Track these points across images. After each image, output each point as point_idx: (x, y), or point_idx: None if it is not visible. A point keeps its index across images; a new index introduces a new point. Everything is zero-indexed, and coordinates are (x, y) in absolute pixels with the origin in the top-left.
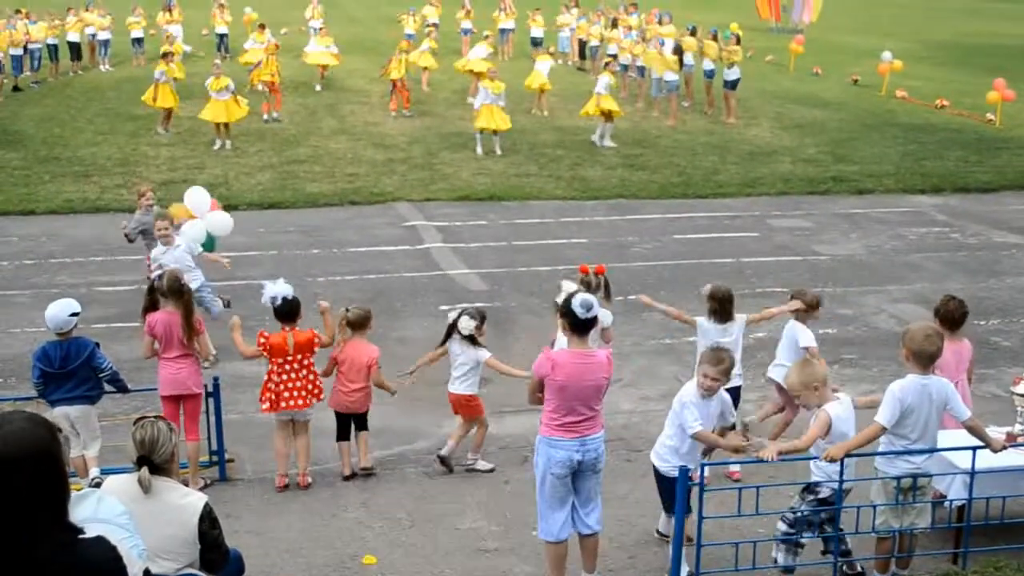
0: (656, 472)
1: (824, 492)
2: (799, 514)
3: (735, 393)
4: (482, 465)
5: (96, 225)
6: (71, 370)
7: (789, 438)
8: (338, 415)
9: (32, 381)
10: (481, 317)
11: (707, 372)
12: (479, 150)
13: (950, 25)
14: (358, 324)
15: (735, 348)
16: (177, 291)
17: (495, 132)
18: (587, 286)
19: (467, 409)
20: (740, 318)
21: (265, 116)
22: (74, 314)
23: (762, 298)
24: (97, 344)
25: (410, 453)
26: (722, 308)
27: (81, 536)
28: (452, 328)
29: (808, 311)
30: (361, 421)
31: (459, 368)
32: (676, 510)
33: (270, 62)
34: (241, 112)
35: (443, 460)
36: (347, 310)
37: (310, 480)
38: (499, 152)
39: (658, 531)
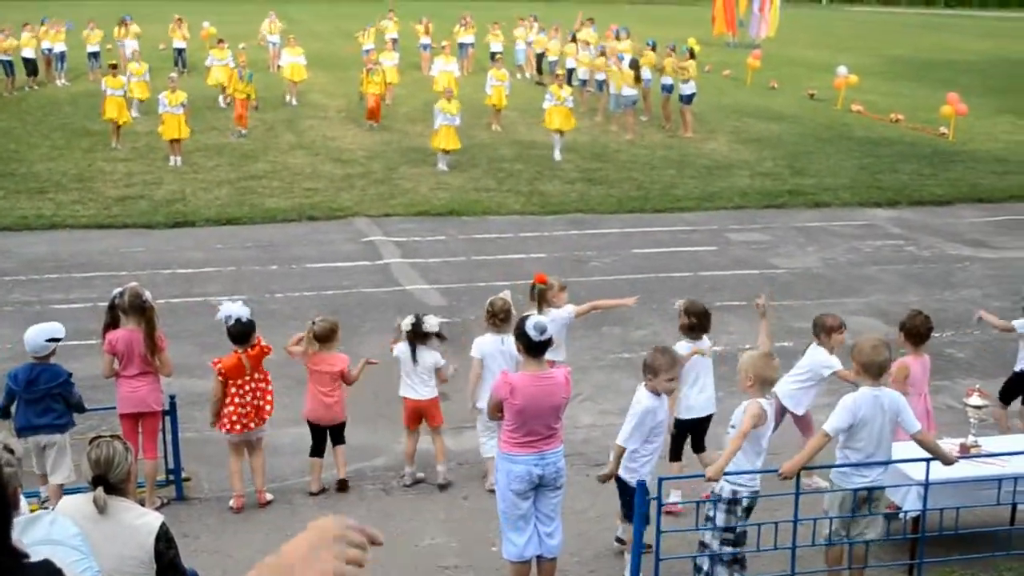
0: (618, 480)
1: (745, 502)
2: (738, 529)
3: (707, 422)
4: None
5: (51, 242)
6: (38, 396)
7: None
8: (313, 429)
9: (2, 399)
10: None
11: (671, 376)
12: (442, 166)
13: (905, 40)
14: (324, 337)
15: (708, 368)
16: (139, 308)
17: (448, 151)
18: (540, 296)
19: (434, 415)
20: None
21: (232, 135)
22: (52, 339)
23: (722, 312)
24: (70, 375)
25: (368, 470)
26: (700, 324)
27: (26, 560)
28: (417, 334)
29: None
30: (338, 434)
31: (421, 373)
32: (635, 523)
33: (239, 80)
34: (186, 130)
35: (417, 481)
36: (313, 323)
37: (270, 497)
38: (446, 169)
39: (617, 538)
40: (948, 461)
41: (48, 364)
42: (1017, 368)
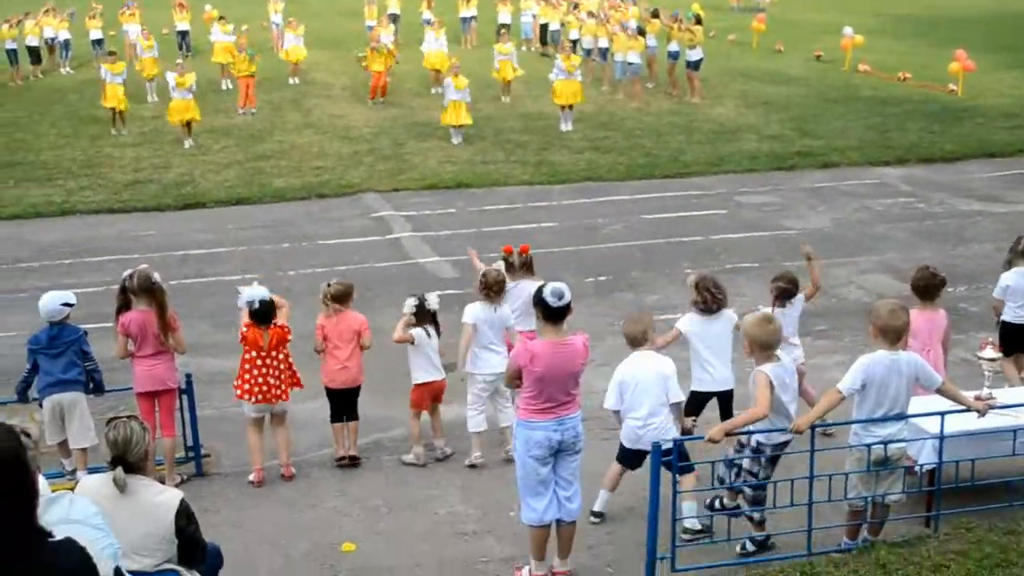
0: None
1: (768, 451)
2: (760, 475)
3: (729, 395)
4: (450, 450)
5: (63, 228)
6: (60, 351)
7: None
8: (331, 394)
9: (23, 375)
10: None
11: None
12: (455, 140)
13: None
14: (341, 297)
15: (726, 343)
16: (148, 289)
17: (459, 126)
18: (509, 266)
19: (441, 394)
20: (730, 313)
21: (241, 110)
22: (66, 304)
23: (733, 274)
24: (86, 333)
25: (386, 441)
26: (713, 298)
27: (50, 539)
28: (423, 314)
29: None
30: (354, 404)
31: (436, 352)
32: (651, 485)
33: (244, 57)
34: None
35: (439, 458)
36: (328, 285)
37: (294, 471)
38: (459, 142)
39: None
40: (978, 408)
41: (65, 324)
42: (1005, 318)
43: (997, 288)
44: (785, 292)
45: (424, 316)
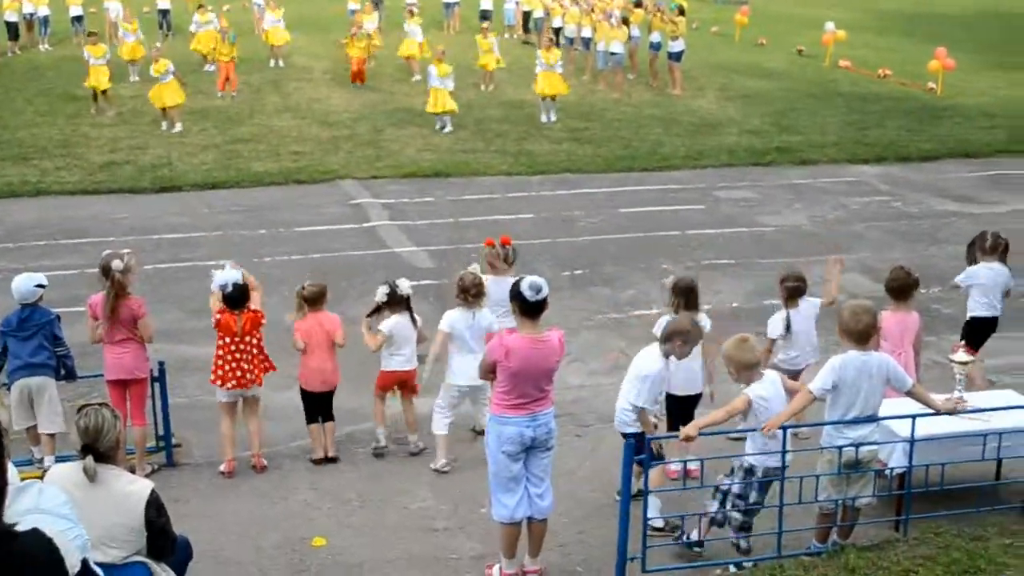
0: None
1: (759, 472)
2: (751, 499)
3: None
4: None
5: (37, 208)
6: (30, 334)
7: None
8: (308, 396)
9: None
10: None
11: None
12: (439, 127)
13: None
14: (315, 299)
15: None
16: (105, 271)
17: (442, 113)
18: (496, 258)
19: (414, 384)
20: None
21: (221, 93)
22: (39, 286)
23: (709, 270)
24: (58, 317)
25: (359, 434)
26: (688, 302)
27: (16, 529)
28: (396, 300)
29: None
30: (329, 405)
31: (412, 342)
32: (622, 486)
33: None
34: (180, 96)
35: (412, 452)
36: (303, 287)
37: (265, 463)
38: (448, 129)
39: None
40: (947, 409)
41: (37, 306)
42: (975, 313)
43: (964, 276)
44: (796, 291)
45: (398, 302)
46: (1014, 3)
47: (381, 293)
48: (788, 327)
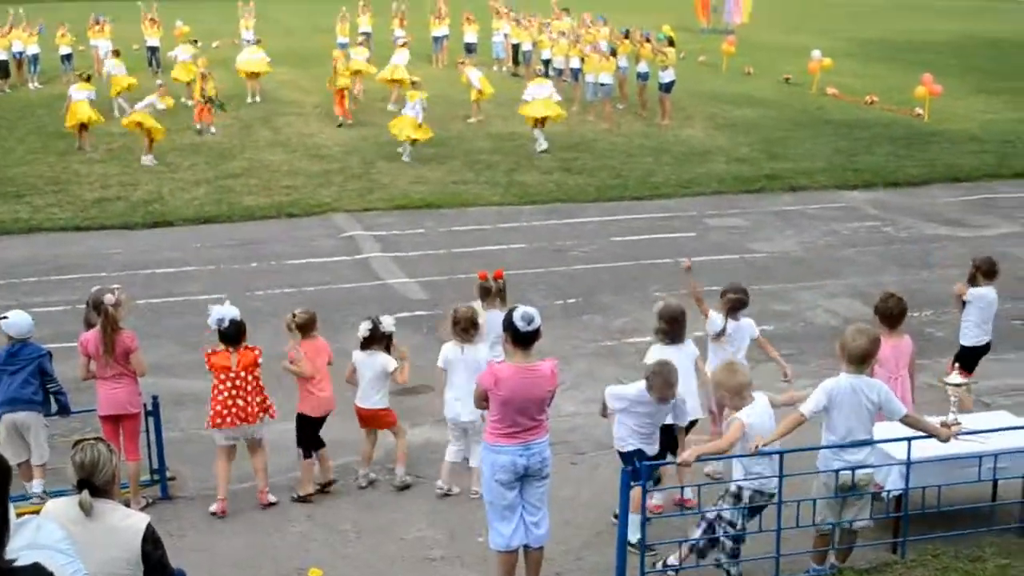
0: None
1: (746, 495)
2: (738, 525)
3: (691, 426)
4: (411, 479)
5: (29, 245)
6: (18, 367)
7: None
8: (310, 423)
9: None
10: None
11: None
12: (404, 156)
13: (878, 22)
14: (306, 327)
15: (690, 374)
16: (96, 307)
17: (414, 141)
18: (485, 292)
19: (385, 421)
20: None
21: (198, 125)
22: (33, 324)
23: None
24: (49, 354)
25: (354, 465)
26: (672, 329)
27: (16, 565)
28: (378, 337)
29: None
30: (318, 437)
31: (375, 380)
32: (620, 510)
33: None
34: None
35: (371, 482)
36: (293, 315)
37: (272, 499)
38: (406, 159)
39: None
40: (944, 437)
41: (27, 342)
42: (968, 343)
43: (972, 294)
44: (739, 303)
45: (378, 339)
46: (998, 29)
47: (364, 328)
48: (724, 331)
